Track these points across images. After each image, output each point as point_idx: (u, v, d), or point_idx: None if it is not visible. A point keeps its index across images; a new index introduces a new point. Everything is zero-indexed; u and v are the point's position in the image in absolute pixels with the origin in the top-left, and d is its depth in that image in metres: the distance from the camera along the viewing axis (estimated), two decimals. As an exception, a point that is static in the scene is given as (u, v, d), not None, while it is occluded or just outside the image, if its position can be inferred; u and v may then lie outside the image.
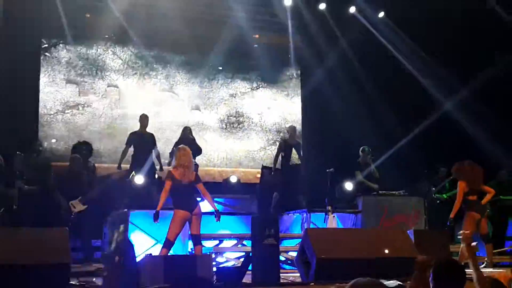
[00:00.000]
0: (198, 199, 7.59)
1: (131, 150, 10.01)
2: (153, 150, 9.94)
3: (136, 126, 10.19)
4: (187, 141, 9.83)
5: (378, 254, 6.32)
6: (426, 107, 12.09)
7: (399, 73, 12.61)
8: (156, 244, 8.48)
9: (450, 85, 11.91)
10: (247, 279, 6.19)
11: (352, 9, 13.08)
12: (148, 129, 10.13)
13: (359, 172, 10.57)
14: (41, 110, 11.34)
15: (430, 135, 11.95)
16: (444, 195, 10.88)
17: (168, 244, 7.14)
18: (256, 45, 12.77)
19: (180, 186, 7.19)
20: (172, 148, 9.84)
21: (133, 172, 9.46)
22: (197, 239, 7.35)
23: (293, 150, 10.93)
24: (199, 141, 10.68)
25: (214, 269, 6.19)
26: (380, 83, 12.49)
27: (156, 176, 10.06)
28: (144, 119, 10.06)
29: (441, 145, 11.82)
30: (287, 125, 11.98)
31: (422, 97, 12.28)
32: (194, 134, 10.72)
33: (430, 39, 12.21)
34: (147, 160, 9.69)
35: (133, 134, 10.06)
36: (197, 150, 10.26)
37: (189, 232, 7.48)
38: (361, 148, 10.75)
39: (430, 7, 11.70)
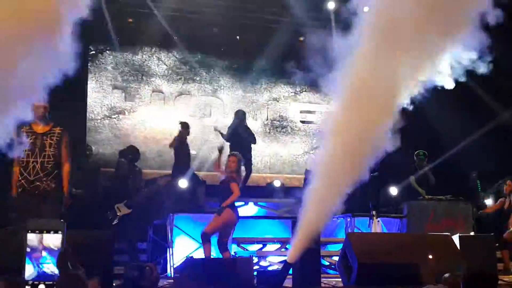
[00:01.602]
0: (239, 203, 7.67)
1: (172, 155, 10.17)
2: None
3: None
4: (241, 128, 10.04)
5: (421, 259, 6.19)
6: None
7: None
8: (199, 247, 8.56)
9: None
10: (288, 283, 6.17)
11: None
12: (192, 134, 10.27)
13: (414, 178, 10.37)
14: (89, 115, 11.62)
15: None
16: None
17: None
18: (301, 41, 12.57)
19: None
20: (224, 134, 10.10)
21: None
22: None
23: None
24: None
25: (255, 273, 6.18)
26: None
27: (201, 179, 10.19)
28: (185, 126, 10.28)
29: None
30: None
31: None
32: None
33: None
34: (189, 165, 9.82)
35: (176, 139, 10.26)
36: (253, 138, 10.39)
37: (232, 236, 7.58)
38: (415, 153, 10.55)
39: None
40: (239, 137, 10.30)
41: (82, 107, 11.46)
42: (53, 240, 1.22)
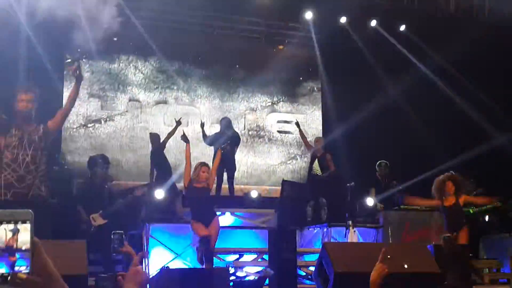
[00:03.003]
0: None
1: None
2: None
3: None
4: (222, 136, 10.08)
5: (398, 269, 6.21)
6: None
7: (423, 84, 12.46)
8: (175, 258, 8.50)
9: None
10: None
11: (373, 23, 12.99)
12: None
13: (374, 189, 10.47)
14: (64, 124, 11.45)
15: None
16: (471, 210, 10.68)
17: None
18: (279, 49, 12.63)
19: None
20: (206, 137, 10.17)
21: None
22: None
23: (316, 162, 10.88)
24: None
25: (231, 283, 6.15)
26: (403, 94, 12.32)
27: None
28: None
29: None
30: (309, 139, 11.97)
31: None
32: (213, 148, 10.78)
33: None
34: (167, 175, 9.77)
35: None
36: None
37: None
38: (377, 163, 10.66)
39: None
40: (218, 144, 10.23)
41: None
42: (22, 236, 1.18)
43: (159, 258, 8.41)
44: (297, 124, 11.16)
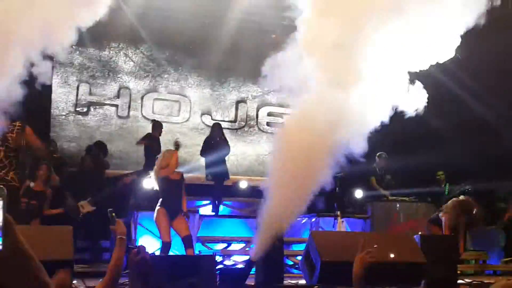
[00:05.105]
0: None
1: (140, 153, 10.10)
2: None
3: (145, 128, 10.25)
4: (215, 141, 10.01)
5: (384, 258, 6.24)
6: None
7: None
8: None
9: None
10: (250, 281, 6.16)
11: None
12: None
13: (374, 178, 10.48)
14: (53, 111, 11.41)
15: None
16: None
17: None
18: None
19: None
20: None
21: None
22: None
23: None
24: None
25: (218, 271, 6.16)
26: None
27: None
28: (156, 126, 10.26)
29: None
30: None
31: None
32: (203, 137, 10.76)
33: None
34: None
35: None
36: (227, 149, 10.38)
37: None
38: (377, 154, 10.64)
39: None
40: (213, 150, 10.20)
41: (47, 102, 11.26)
42: None
43: (147, 246, 8.38)
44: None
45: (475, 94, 11.37)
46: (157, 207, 7.50)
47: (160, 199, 7.55)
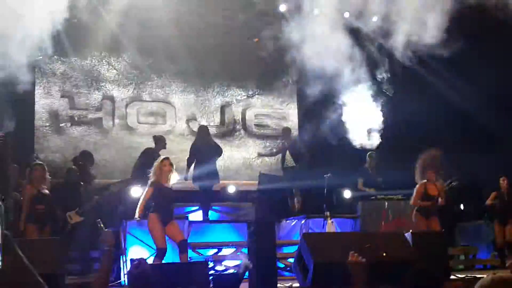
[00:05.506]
0: None
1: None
2: None
3: (131, 137, 10.18)
4: (203, 144, 9.97)
5: (376, 257, 6.26)
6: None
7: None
8: (153, 254, 8.43)
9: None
10: (244, 286, 6.14)
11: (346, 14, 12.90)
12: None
13: (361, 181, 10.52)
14: (37, 122, 11.30)
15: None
16: None
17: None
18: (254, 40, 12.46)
19: None
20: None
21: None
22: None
23: (287, 153, 10.90)
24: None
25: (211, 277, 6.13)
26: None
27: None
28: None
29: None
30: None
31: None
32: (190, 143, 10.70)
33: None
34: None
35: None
36: (219, 151, 10.32)
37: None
38: (368, 153, 10.66)
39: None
40: (201, 153, 10.14)
41: (30, 114, 11.15)
42: None
43: (137, 255, 8.32)
44: None
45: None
46: (150, 214, 7.46)
47: (152, 206, 7.52)
